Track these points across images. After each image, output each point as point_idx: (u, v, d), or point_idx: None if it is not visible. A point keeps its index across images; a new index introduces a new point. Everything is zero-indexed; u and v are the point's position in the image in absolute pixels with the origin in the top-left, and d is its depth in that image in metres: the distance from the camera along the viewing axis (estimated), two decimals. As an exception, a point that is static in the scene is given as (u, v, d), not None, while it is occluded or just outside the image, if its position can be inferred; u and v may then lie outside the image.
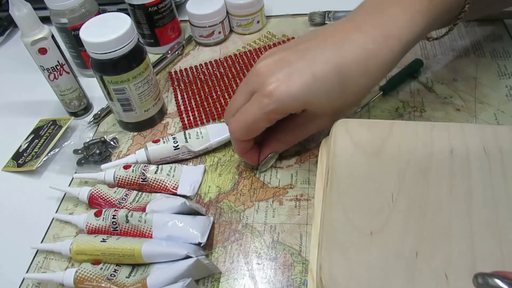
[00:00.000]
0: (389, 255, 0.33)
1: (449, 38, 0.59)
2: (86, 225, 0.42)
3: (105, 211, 0.42)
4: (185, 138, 0.48)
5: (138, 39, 0.49)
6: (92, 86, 0.61)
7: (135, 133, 0.54)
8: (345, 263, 0.33)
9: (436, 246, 0.33)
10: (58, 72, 0.53)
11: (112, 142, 0.52)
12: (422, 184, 0.37)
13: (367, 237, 0.34)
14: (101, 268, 0.39)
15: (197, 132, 0.49)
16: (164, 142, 0.48)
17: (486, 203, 0.35)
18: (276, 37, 0.65)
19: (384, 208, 0.35)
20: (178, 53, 0.64)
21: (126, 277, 0.38)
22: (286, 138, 0.45)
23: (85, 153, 0.51)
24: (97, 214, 0.42)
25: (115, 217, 0.41)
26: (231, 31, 0.67)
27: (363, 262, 0.33)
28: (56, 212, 0.47)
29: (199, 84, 0.59)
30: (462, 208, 0.35)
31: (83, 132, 0.55)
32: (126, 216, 0.41)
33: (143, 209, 0.43)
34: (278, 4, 0.71)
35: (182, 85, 0.60)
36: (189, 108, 0.56)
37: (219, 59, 0.62)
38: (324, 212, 0.36)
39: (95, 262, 0.39)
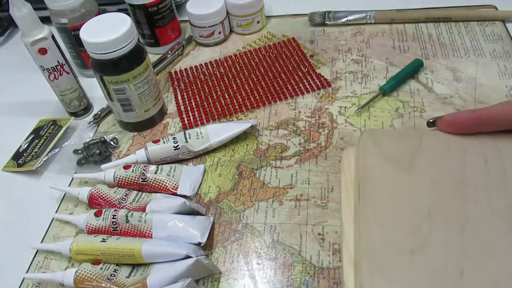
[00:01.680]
0: (433, 275, 0.31)
1: (449, 38, 0.59)
2: (86, 225, 0.42)
3: (105, 211, 0.42)
4: (185, 138, 0.48)
5: (138, 39, 0.49)
6: (92, 86, 0.61)
7: (135, 133, 0.54)
8: (388, 284, 0.31)
9: (482, 264, 0.31)
10: (58, 72, 0.53)
11: (112, 142, 0.52)
12: (459, 198, 0.35)
13: (408, 255, 0.32)
14: (101, 268, 0.39)
15: (197, 132, 0.49)
16: (164, 142, 0.48)
17: None
18: (276, 37, 0.65)
19: (422, 224, 0.33)
20: (178, 53, 0.64)
21: (126, 277, 0.38)
22: None
23: (85, 153, 0.51)
24: (97, 214, 0.42)
25: (115, 217, 0.41)
26: (231, 31, 0.67)
27: (406, 283, 0.31)
28: (56, 212, 0.47)
29: (199, 84, 0.59)
30: (504, 223, 0.33)
31: (83, 132, 0.55)
32: (126, 216, 0.41)
33: (143, 209, 0.43)
34: (278, 4, 0.71)
35: (182, 85, 0.60)
36: (189, 108, 0.56)
37: (219, 59, 0.62)
38: (359, 229, 0.34)
39: (95, 262, 0.39)
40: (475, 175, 0.36)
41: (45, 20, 0.53)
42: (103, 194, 0.45)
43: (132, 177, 0.46)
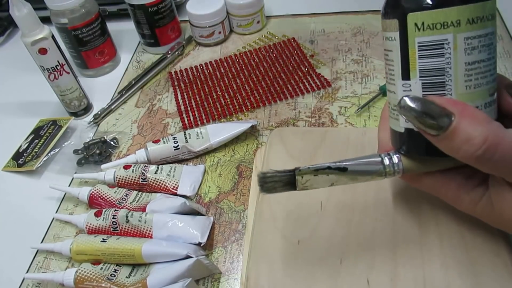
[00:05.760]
0: (314, 263, 0.33)
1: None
2: (86, 225, 0.42)
3: (105, 211, 0.42)
4: (185, 138, 0.48)
5: None
6: (92, 86, 0.61)
7: (135, 133, 0.54)
8: (272, 273, 0.33)
9: (360, 252, 0.33)
10: (58, 72, 0.53)
11: (112, 142, 0.52)
12: (351, 190, 0.37)
13: (295, 246, 0.34)
14: (101, 268, 0.39)
15: (197, 132, 0.49)
16: (164, 142, 0.48)
17: (411, 206, 0.35)
18: (276, 37, 0.65)
19: (313, 217, 0.36)
20: (178, 53, 0.64)
21: (126, 277, 0.38)
22: None
23: (85, 153, 0.51)
24: (97, 214, 0.42)
25: (115, 217, 0.41)
26: (231, 31, 0.67)
27: (289, 272, 0.33)
28: (56, 212, 0.47)
29: (199, 84, 0.59)
30: (387, 214, 0.35)
31: (83, 132, 0.55)
32: (126, 216, 0.41)
33: (143, 209, 0.43)
34: (278, 4, 0.71)
35: (182, 85, 0.60)
36: (189, 108, 0.56)
37: (219, 59, 0.62)
38: (254, 221, 0.37)
39: (95, 262, 0.39)
40: None
41: (45, 20, 0.53)
42: (103, 194, 0.45)
43: (132, 177, 0.46)
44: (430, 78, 0.26)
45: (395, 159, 0.29)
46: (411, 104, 0.26)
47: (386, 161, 0.29)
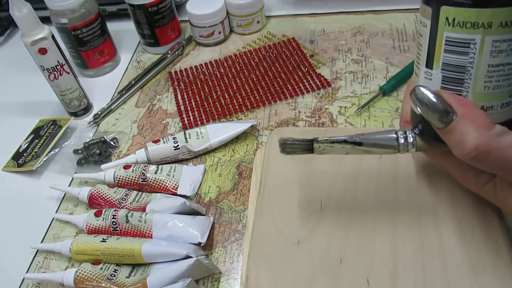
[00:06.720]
0: (314, 263, 0.33)
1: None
2: (86, 225, 0.42)
3: (105, 211, 0.42)
4: (185, 138, 0.48)
5: None
6: (92, 86, 0.61)
7: (135, 133, 0.54)
8: (272, 274, 0.33)
9: (360, 251, 0.33)
10: (58, 72, 0.53)
11: (112, 142, 0.52)
12: (351, 190, 0.37)
13: (295, 246, 0.34)
14: (101, 268, 0.39)
15: (197, 132, 0.49)
16: (164, 142, 0.48)
17: (411, 206, 0.35)
18: (276, 37, 0.65)
19: (313, 216, 0.36)
20: (178, 53, 0.64)
21: (126, 277, 0.38)
22: None
23: (85, 153, 0.51)
24: (97, 214, 0.42)
25: (115, 217, 0.41)
26: (231, 31, 0.67)
27: (289, 272, 0.33)
28: (56, 212, 0.47)
29: (199, 84, 0.59)
30: (387, 212, 0.35)
31: (83, 132, 0.55)
32: (126, 216, 0.41)
33: (143, 209, 0.43)
34: (278, 4, 0.71)
35: (182, 85, 0.60)
36: (189, 108, 0.56)
37: (219, 59, 0.62)
38: (254, 221, 0.37)
39: (95, 262, 0.39)
40: (369, 168, 0.38)
41: (45, 20, 0.53)
42: (103, 194, 0.45)
43: (132, 177, 0.46)
44: (451, 72, 0.27)
45: (410, 138, 0.30)
46: (422, 95, 0.27)
47: (401, 140, 0.30)
